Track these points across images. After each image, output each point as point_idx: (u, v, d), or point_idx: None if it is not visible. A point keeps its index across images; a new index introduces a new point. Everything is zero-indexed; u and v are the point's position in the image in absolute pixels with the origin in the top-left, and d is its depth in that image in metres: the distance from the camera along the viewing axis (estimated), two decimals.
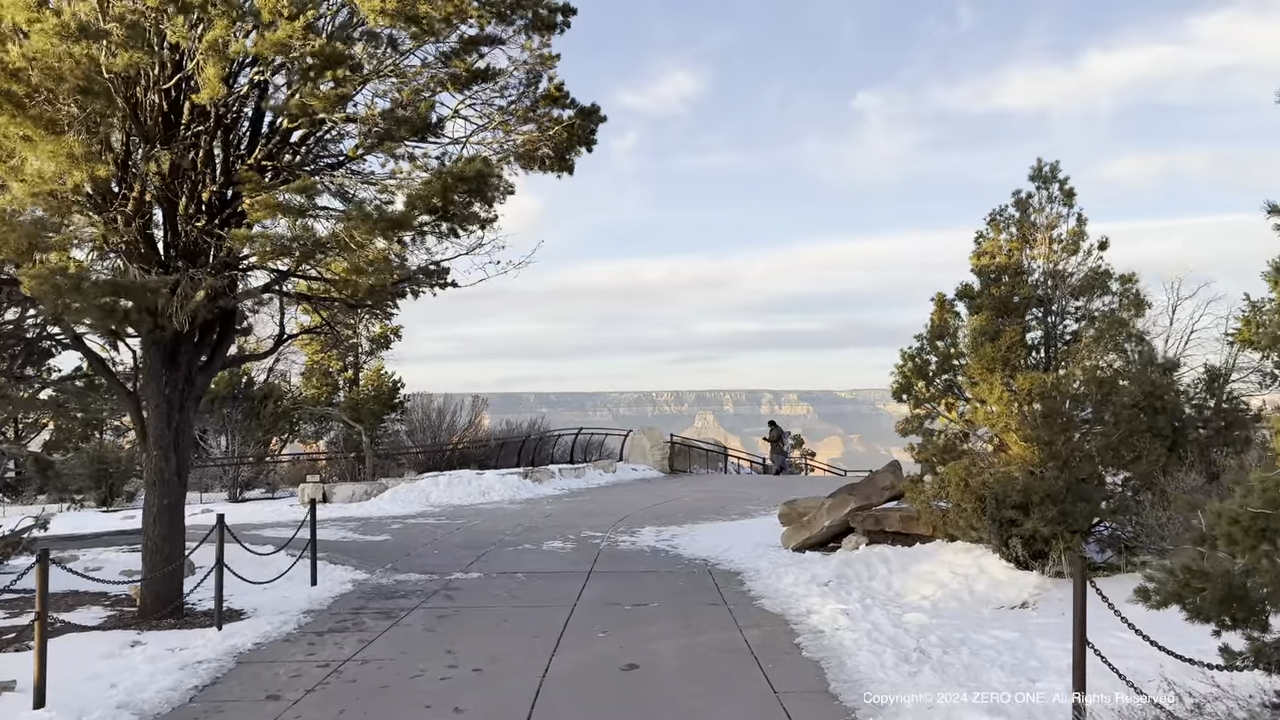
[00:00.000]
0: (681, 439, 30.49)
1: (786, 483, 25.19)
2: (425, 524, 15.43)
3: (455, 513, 17.06)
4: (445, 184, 6.52)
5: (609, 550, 12.11)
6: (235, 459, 20.90)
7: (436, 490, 19.28)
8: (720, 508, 17.40)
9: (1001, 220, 9.41)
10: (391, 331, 28.51)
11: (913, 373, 9.31)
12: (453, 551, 12.17)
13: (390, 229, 6.65)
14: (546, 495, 20.43)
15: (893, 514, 10.85)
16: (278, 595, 9.34)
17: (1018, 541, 8.14)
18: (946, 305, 9.46)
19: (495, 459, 23.52)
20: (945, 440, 9.14)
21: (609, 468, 25.33)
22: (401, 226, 6.75)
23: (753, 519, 15.69)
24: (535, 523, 15.23)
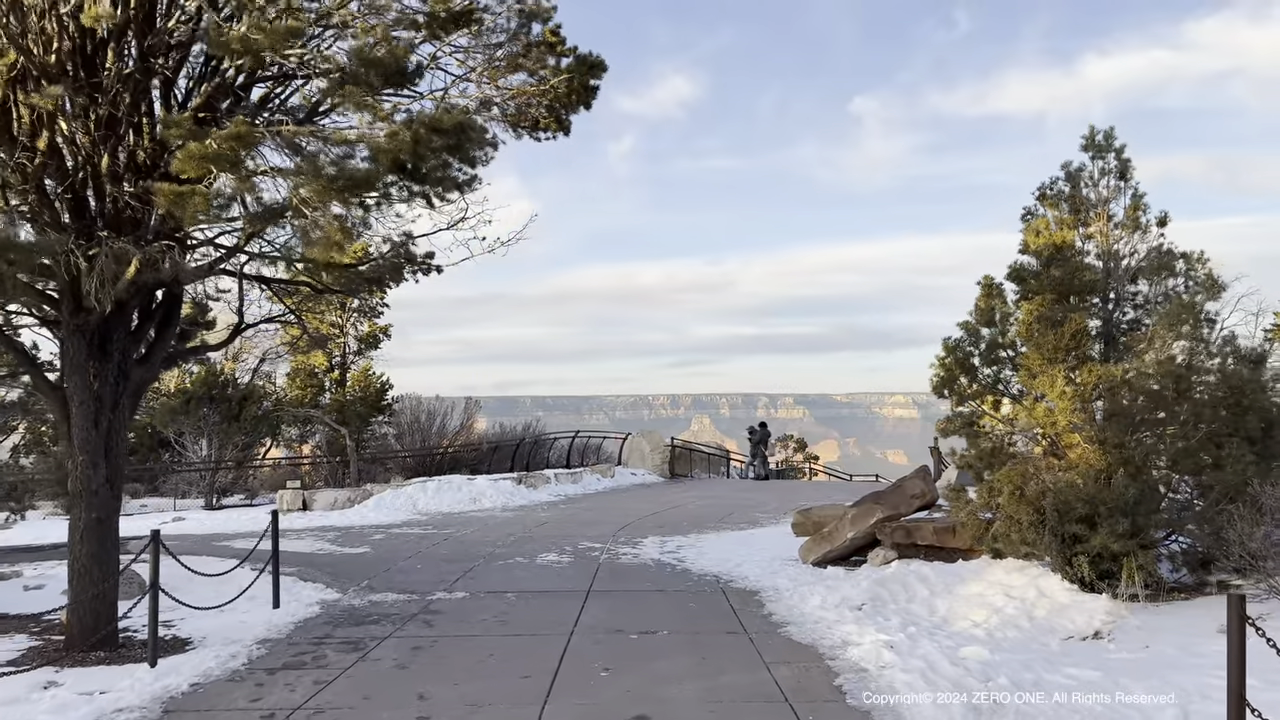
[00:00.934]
0: (682, 442, 29.38)
1: (791, 489, 24.11)
2: (410, 534, 14.28)
3: (443, 521, 15.91)
4: (417, 135, 5.39)
5: (609, 564, 10.99)
6: (212, 464, 19.72)
7: (424, 497, 18.14)
8: (726, 515, 16.28)
9: (1051, 195, 8.31)
10: (380, 330, 27.38)
11: (956, 366, 8.20)
12: (437, 566, 11.03)
13: (350, 190, 5.51)
14: (541, 502, 19.29)
15: (925, 525, 9.74)
16: (233, 620, 8.21)
17: (1084, 560, 7.03)
18: (994, 290, 8.35)
19: (488, 463, 22.39)
20: (994, 442, 8.02)
21: (607, 472, 24.21)
22: (363, 187, 5.60)
23: (763, 528, 14.59)
24: (529, 532, 14.10)
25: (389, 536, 14.03)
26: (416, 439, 22.22)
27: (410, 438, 22.40)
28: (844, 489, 23.13)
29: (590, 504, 18.85)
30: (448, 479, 19.09)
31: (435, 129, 5.46)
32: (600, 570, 10.54)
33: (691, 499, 19.60)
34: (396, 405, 23.92)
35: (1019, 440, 8.41)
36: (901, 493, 10.57)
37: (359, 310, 26.37)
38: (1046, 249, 7.99)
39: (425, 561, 11.43)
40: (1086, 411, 7.10)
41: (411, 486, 18.41)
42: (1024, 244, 8.40)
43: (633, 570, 10.58)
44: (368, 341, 26.39)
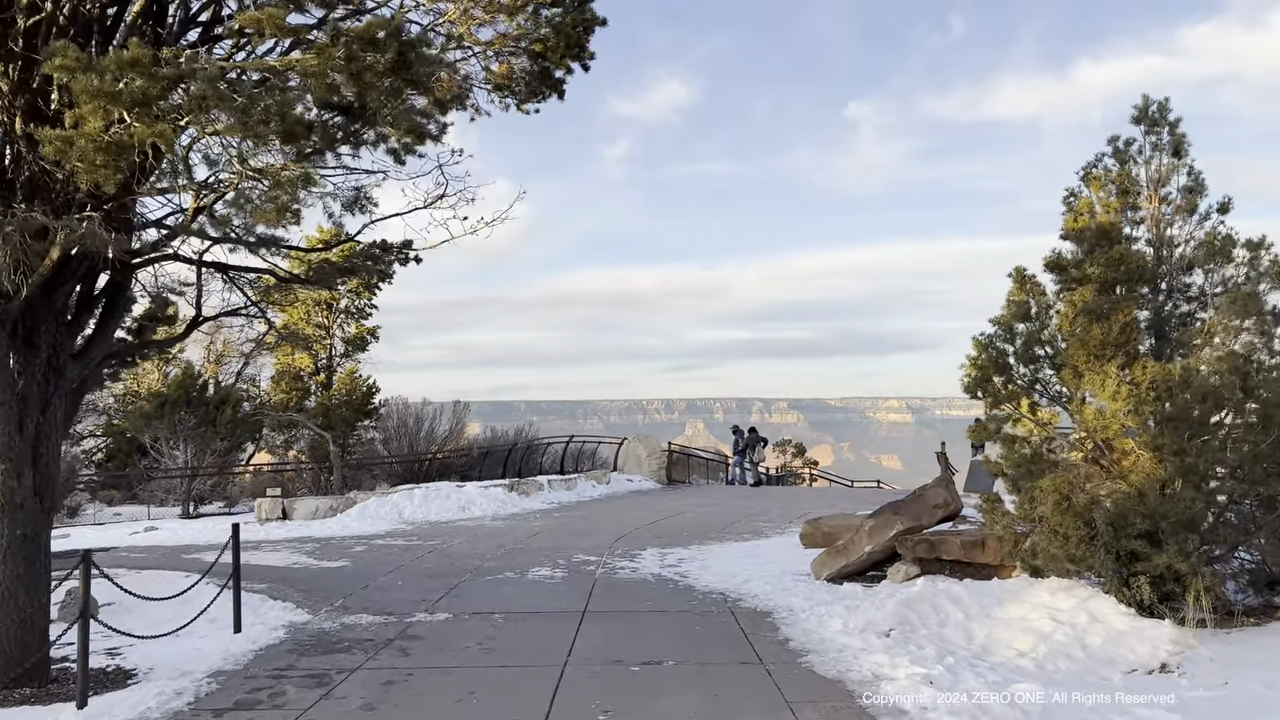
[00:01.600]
0: (679, 447, 28.57)
1: (792, 496, 23.31)
2: (393, 545, 13.43)
3: (429, 531, 15.05)
4: (351, 53, 4.40)
5: (606, 580, 10.15)
6: (188, 470, 18.82)
7: (410, 505, 17.27)
8: (729, 525, 15.46)
9: (1097, 174, 7.53)
10: (368, 332, 26.53)
11: (990, 365, 7.40)
12: (419, 582, 10.18)
13: (285, 138, 4.63)
14: (534, 510, 18.44)
15: (951, 539, 8.93)
16: (188, 647, 7.35)
17: (1144, 580, 6.23)
18: (1028, 281, 7.56)
19: (479, 469, 21.52)
20: (1032, 449, 7.22)
21: (602, 478, 23.36)
22: (296, 136, 4.68)
23: (768, 539, 13.77)
24: (520, 544, 13.25)
25: (370, 548, 13.17)
26: (404, 444, 21.35)
27: (397, 443, 21.53)
28: (848, 496, 22.34)
29: (585, 512, 18.01)
30: (435, 486, 18.23)
31: (371, 41, 4.48)
32: (596, 587, 9.70)
33: (691, 507, 18.77)
34: (384, 409, 23.03)
35: (1059, 446, 7.62)
36: (923, 503, 9.76)
37: (346, 311, 25.53)
38: (1091, 234, 7.20)
39: (407, 577, 10.58)
40: (1141, 414, 6.29)
41: (397, 494, 17.54)
42: (1064, 229, 7.62)
43: (631, 587, 9.75)
44: (355, 344, 25.53)
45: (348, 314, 25.79)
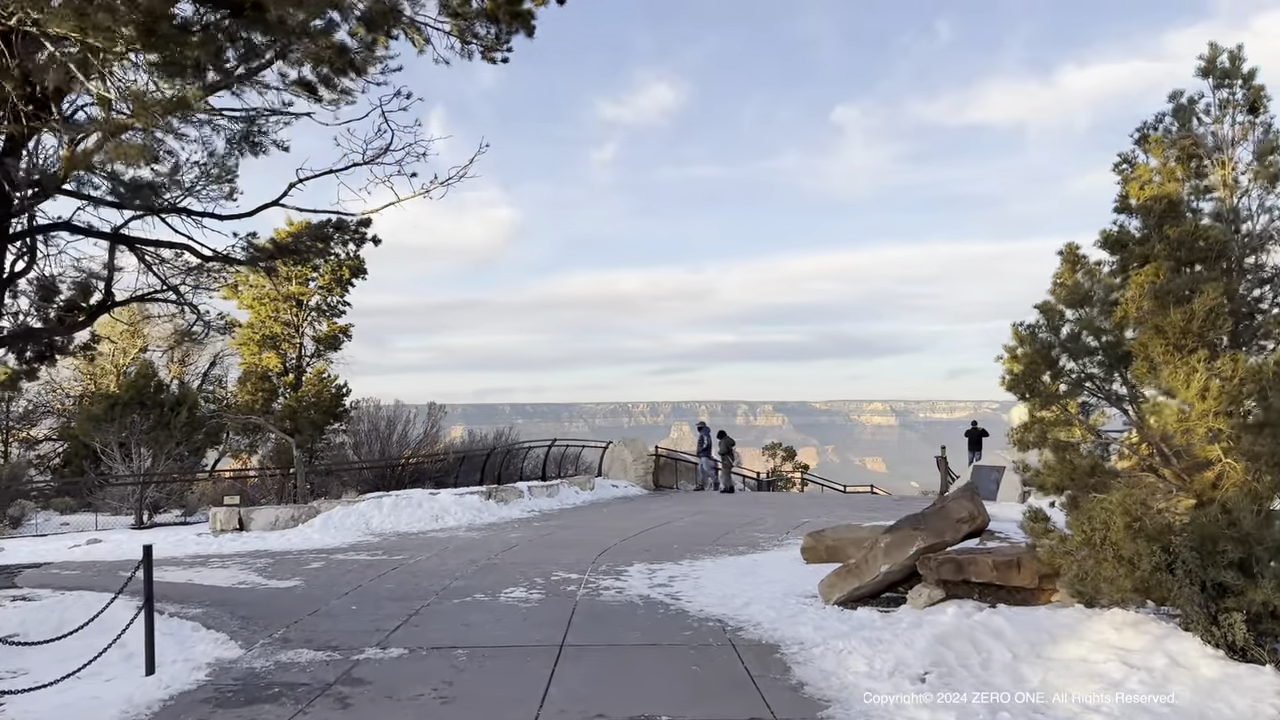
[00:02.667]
0: (666, 451, 27.44)
1: (786, 503, 22.24)
2: (355, 561, 12.21)
3: (397, 544, 13.84)
4: None
5: (588, 603, 9.00)
6: (140, 477, 17.51)
7: (379, 515, 16.05)
8: (721, 535, 14.34)
9: (1156, 136, 6.46)
10: (340, 331, 25.24)
11: (1038, 358, 6.31)
12: (376, 606, 8.99)
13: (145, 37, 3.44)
14: (513, 519, 17.24)
15: (982, 559, 7.84)
16: (84, 694, 6.16)
17: (1237, 619, 5.14)
18: (1080, 261, 6.48)
19: (455, 475, 20.31)
20: (1091, 458, 6.13)
21: (586, 484, 22.20)
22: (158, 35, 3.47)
23: (765, 552, 12.66)
24: (494, 558, 12.07)
25: (329, 564, 11.95)
26: (375, 449, 20.11)
27: (368, 448, 20.28)
28: (844, 502, 21.28)
29: (567, 521, 16.85)
30: (407, 494, 17.01)
31: None
32: (577, 613, 8.54)
33: (680, 515, 17.64)
34: (354, 412, 21.76)
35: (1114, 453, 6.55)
36: (946, 517, 8.67)
37: (317, 309, 24.23)
38: (1157, 205, 6.12)
39: (364, 600, 9.38)
40: (1236, 415, 5.21)
41: (364, 503, 16.31)
42: (1121, 200, 6.55)
43: (617, 612, 8.60)
44: (326, 343, 24.25)
45: (319, 312, 24.51)
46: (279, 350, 23.47)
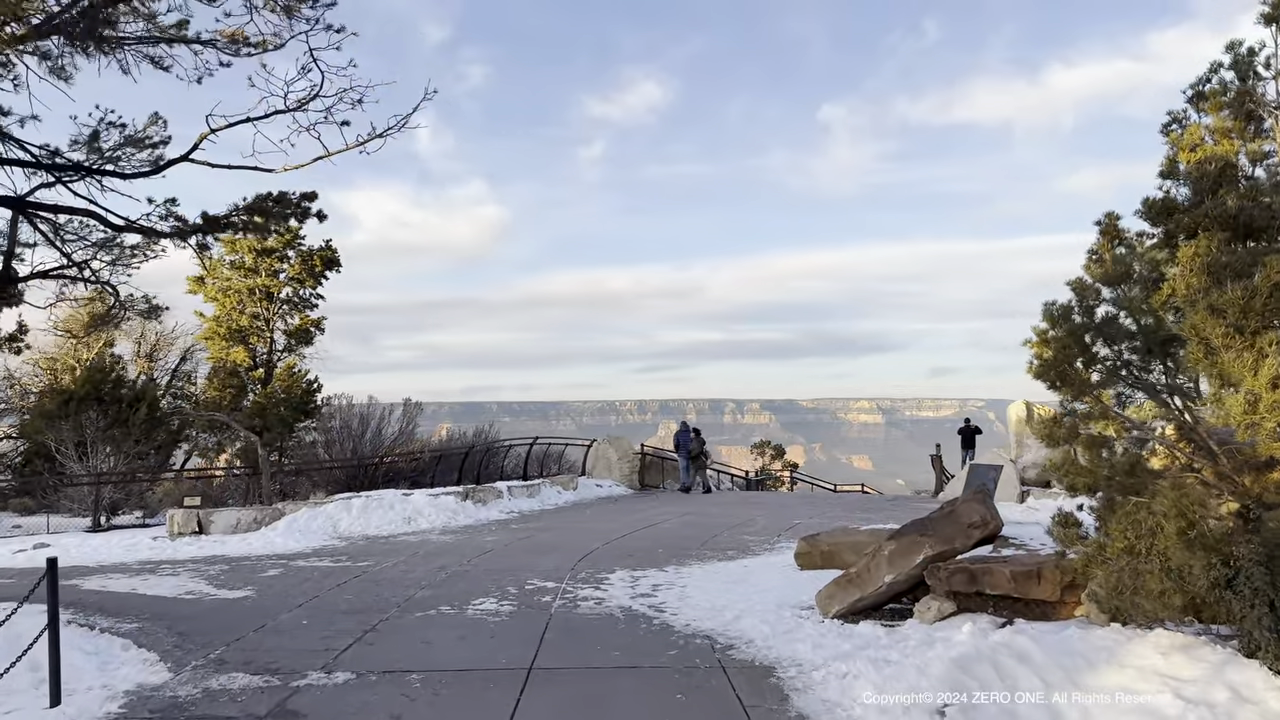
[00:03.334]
0: (652, 450, 26.65)
1: (777, 504, 21.50)
2: (316, 568, 11.36)
3: (364, 549, 12.99)
4: None
5: (564, 617, 8.19)
6: (97, 477, 16.55)
7: (347, 517, 15.18)
8: (710, 538, 13.57)
9: (1214, 90, 5.70)
10: (313, 324, 24.29)
11: (1071, 343, 5.54)
12: (330, 621, 8.15)
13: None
14: (490, 521, 16.41)
15: (998, 569, 7.08)
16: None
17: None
18: (1121, 234, 5.72)
19: (432, 475, 19.45)
20: (1130, 457, 5.37)
21: (569, 484, 21.39)
22: None
23: (756, 556, 11.89)
24: (467, 564, 11.25)
25: (287, 572, 11.09)
26: (347, 448, 19.21)
27: (340, 446, 19.38)
28: (836, 502, 20.55)
29: (548, 523, 16.03)
30: (378, 495, 16.14)
31: None
32: (551, 628, 7.73)
33: (666, 516, 16.86)
34: (326, 409, 20.83)
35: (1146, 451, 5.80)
36: (955, 522, 7.91)
37: (288, 301, 23.27)
38: (1211, 168, 5.37)
39: (317, 614, 8.54)
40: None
41: (332, 505, 15.43)
42: (1167, 163, 5.79)
43: (594, 627, 7.79)
44: (297, 337, 23.29)
45: (290, 304, 23.55)
46: (248, 344, 22.48)
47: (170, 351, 26.58)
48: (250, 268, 23.08)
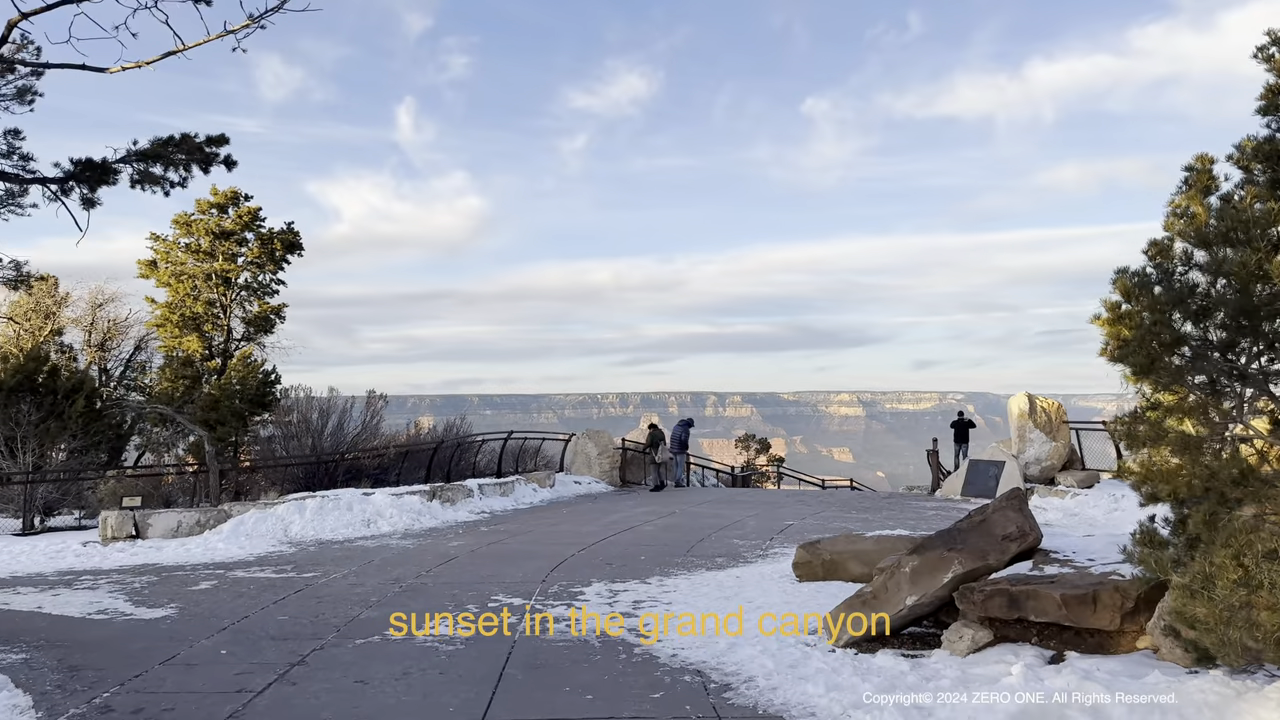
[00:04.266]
0: (634, 444, 25.45)
1: (766, 502, 20.38)
2: (255, 580, 10.10)
3: (314, 556, 11.73)
4: None
5: (529, 647, 7.00)
6: (29, 475, 15.14)
7: (300, 520, 13.90)
8: (696, 543, 12.42)
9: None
10: (273, 311, 22.88)
11: (1161, 317, 4.40)
12: (254, 651, 6.91)
13: None
14: (458, 523, 15.19)
15: (1045, 593, 5.96)
16: None
17: None
18: (1212, 181, 4.57)
19: (397, 472, 18.17)
20: (1236, 460, 4.24)
21: (545, 481, 20.18)
22: None
23: (748, 564, 10.75)
24: (425, 575, 10.03)
25: (221, 585, 9.83)
26: (306, 443, 17.87)
27: (299, 442, 18.04)
28: (827, 500, 19.47)
29: (521, 525, 14.83)
30: (336, 495, 14.86)
31: None
32: (513, 661, 6.53)
33: (648, 516, 15.71)
34: (285, 401, 19.46)
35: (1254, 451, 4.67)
36: (988, 533, 6.79)
37: (246, 287, 21.85)
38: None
39: (241, 641, 7.29)
40: None
41: (284, 506, 14.14)
42: (1267, 96, 4.63)
43: (565, 658, 6.60)
44: (257, 324, 21.89)
45: (249, 291, 22.12)
46: (202, 333, 21.05)
47: (124, 341, 25.08)
48: (207, 251, 21.62)
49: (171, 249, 21.78)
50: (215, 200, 21.98)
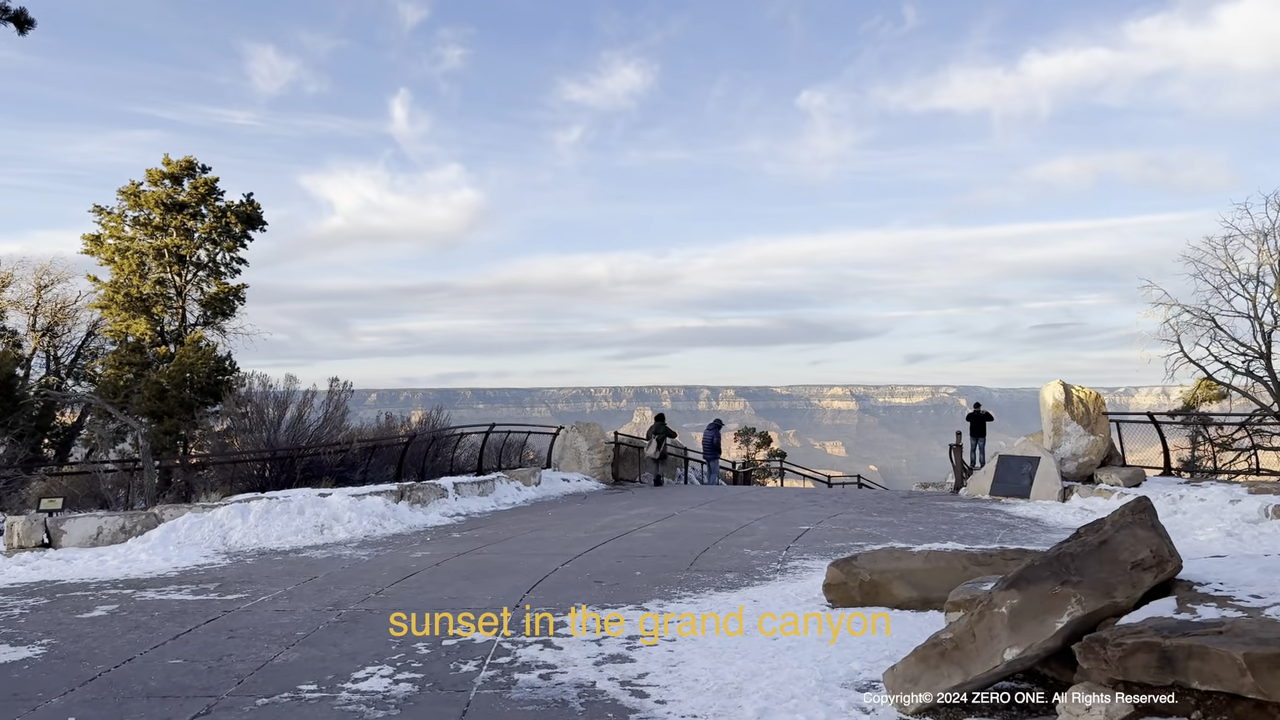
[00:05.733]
0: (627, 438, 23.64)
1: (773, 501, 18.60)
2: (165, 604, 8.26)
3: (248, 571, 9.89)
4: None
5: (490, 705, 5.19)
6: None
7: (242, 525, 12.05)
8: (700, 552, 10.62)
9: None
10: (232, 293, 20.95)
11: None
12: (112, 718, 5.09)
13: None
14: (427, 528, 13.36)
15: (1216, 650, 4.15)
16: None
17: None
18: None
19: (364, 469, 16.32)
20: None
21: (530, 479, 18.37)
22: None
23: (766, 583, 8.96)
24: (371, 600, 8.21)
25: (117, 613, 7.97)
26: (261, 437, 16.00)
27: (253, 435, 16.16)
28: (842, 500, 17.68)
29: (499, 530, 13.01)
30: (287, 496, 13.00)
31: None
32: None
33: (644, 519, 13.91)
34: (242, 390, 17.55)
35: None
36: (1110, 558, 4.97)
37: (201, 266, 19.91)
38: None
39: (105, 700, 5.45)
40: None
41: (224, 509, 12.28)
42: None
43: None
44: (214, 307, 19.96)
45: (206, 270, 20.17)
46: (151, 315, 19.13)
47: (76, 326, 23.13)
48: (158, 225, 19.64)
49: (118, 222, 19.78)
50: (168, 170, 19.99)
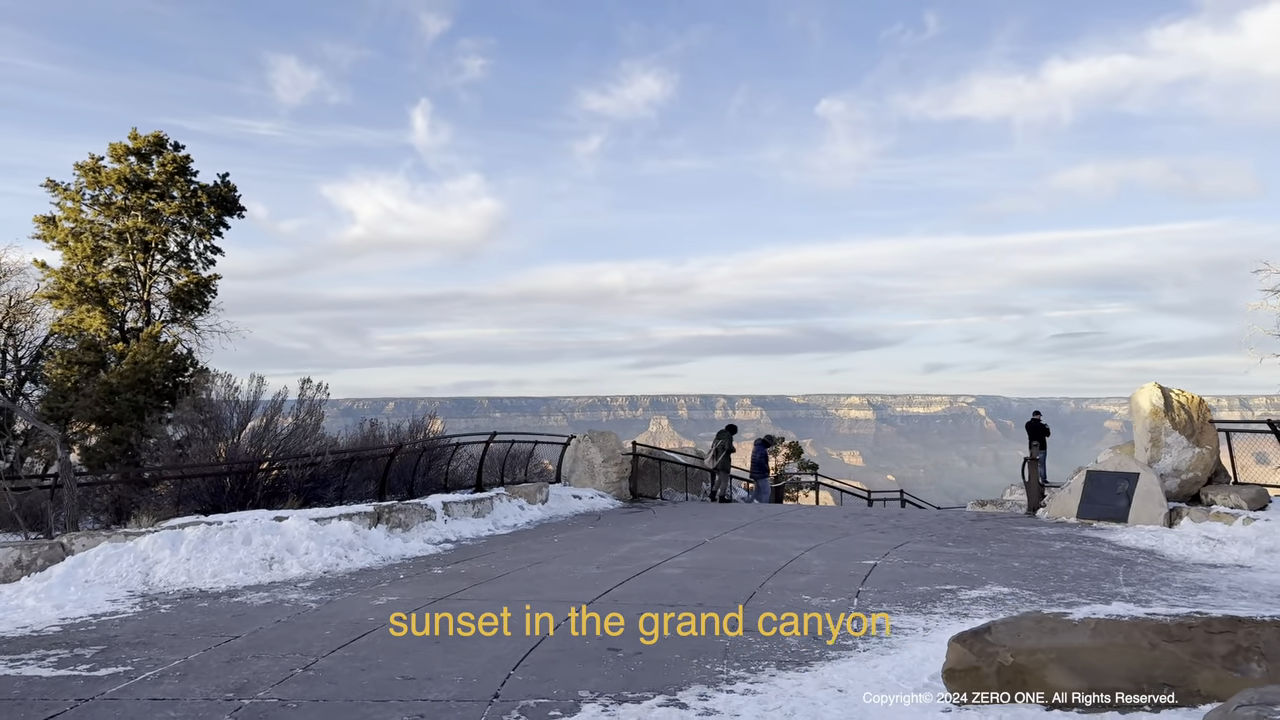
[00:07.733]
0: (647, 449, 21.15)
1: (821, 525, 16.05)
2: (15, 682, 5.86)
3: (148, 627, 7.48)
4: None
5: None
6: None
7: (170, 558, 9.67)
8: (745, 601, 8.10)
9: None
10: (203, 284, 18.67)
11: None
12: None
13: None
14: (404, 560, 10.94)
15: None
16: None
17: None
18: None
19: (339, 486, 13.93)
20: None
21: (536, 495, 15.92)
22: None
23: (849, 656, 6.42)
24: (291, 682, 5.77)
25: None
26: (222, 447, 13.66)
27: (211, 445, 13.82)
28: (903, 525, 15.11)
29: (491, 563, 10.57)
30: (232, 521, 10.62)
31: None
32: None
33: (669, 550, 11.42)
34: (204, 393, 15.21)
35: None
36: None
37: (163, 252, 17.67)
38: None
39: None
40: None
41: (151, 537, 9.91)
42: None
43: None
44: (184, 300, 17.69)
45: (175, 258, 17.96)
46: (107, 307, 16.92)
47: (36, 324, 20.93)
48: (121, 206, 17.41)
49: (76, 201, 17.60)
50: (134, 145, 17.78)
